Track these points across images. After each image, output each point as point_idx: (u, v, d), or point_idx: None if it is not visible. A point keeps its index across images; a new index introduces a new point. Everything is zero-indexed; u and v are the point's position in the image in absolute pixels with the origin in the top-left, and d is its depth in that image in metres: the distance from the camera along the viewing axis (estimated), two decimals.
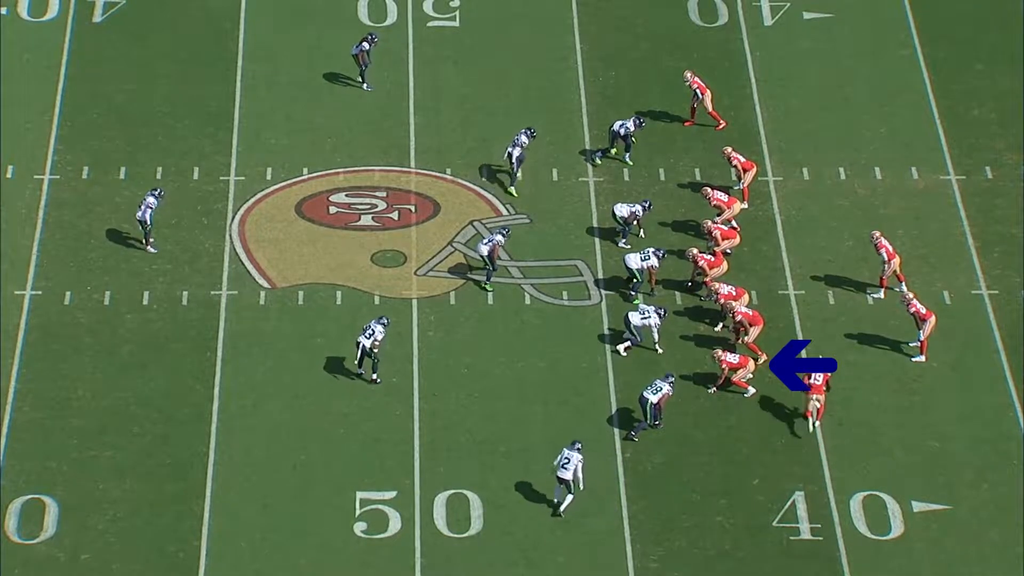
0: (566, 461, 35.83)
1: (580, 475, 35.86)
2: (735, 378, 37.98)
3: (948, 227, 41.88)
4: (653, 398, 37.15)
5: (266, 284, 40.36)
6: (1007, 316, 40.05)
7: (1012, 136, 44.15)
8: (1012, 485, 36.92)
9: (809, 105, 44.85)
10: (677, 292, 40.37)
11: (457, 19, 46.51)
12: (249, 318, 39.60)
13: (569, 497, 36.03)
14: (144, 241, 40.87)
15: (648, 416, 37.33)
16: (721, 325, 39.46)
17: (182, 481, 36.57)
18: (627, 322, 38.63)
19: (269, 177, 42.59)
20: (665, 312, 38.83)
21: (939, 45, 46.49)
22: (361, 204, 42.03)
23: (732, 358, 37.88)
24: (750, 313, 38.69)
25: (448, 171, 42.92)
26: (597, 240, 41.45)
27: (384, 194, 42.26)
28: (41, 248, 40.72)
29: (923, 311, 38.59)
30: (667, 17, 46.96)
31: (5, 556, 35.18)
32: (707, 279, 39.56)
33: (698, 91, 43.39)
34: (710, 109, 43.32)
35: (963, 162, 43.47)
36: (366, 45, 44.33)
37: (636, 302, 39.68)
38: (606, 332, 39.48)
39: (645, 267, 39.73)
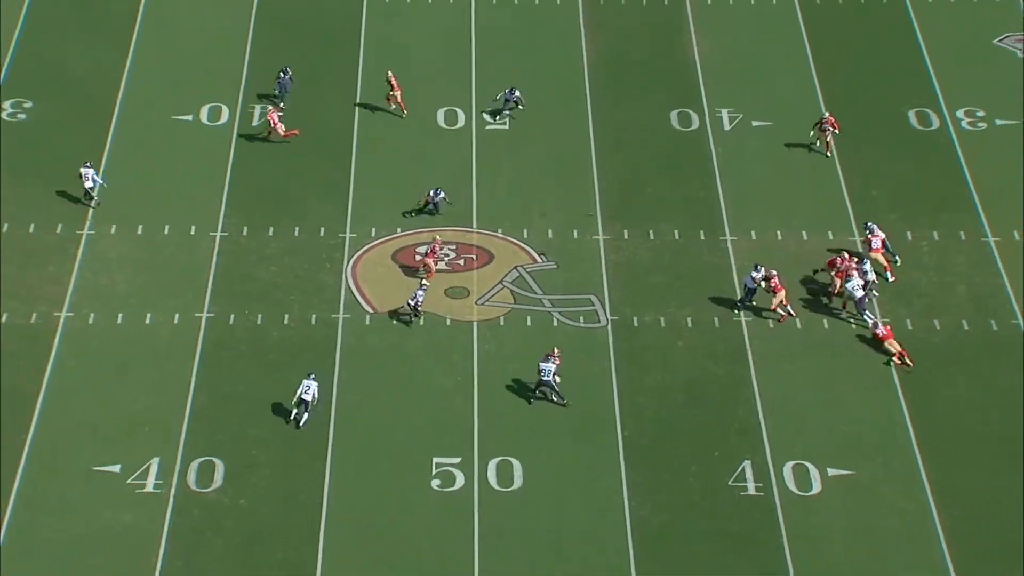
0: (306, 389, 36.32)
1: (316, 395, 36.41)
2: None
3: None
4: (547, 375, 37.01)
5: (370, 309, 40.17)
6: (896, 337, 39.50)
7: (902, 210, 43.53)
8: (897, 457, 36.54)
9: (757, 186, 44.33)
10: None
11: (507, 124, 46.29)
12: (358, 333, 39.45)
13: (306, 415, 36.28)
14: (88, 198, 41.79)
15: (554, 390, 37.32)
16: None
17: (310, 449, 36.47)
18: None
19: (373, 235, 42.39)
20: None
21: (849, 142, 45.85)
22: (438, 253, 41.80)
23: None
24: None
25: (500, 231, 42.64)
26: (605, 281, 41.07)
27: (454, 247, 42.01)
28: (213, 284, 40.60)
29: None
30: (655, 125, 46.48)
31: (187, 501, 35.09)
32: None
33: None
34: None
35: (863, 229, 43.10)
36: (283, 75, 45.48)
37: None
38: (610, 346, 39.11)
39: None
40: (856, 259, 40.69)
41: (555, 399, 37.40)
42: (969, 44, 49.94)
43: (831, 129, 45.21)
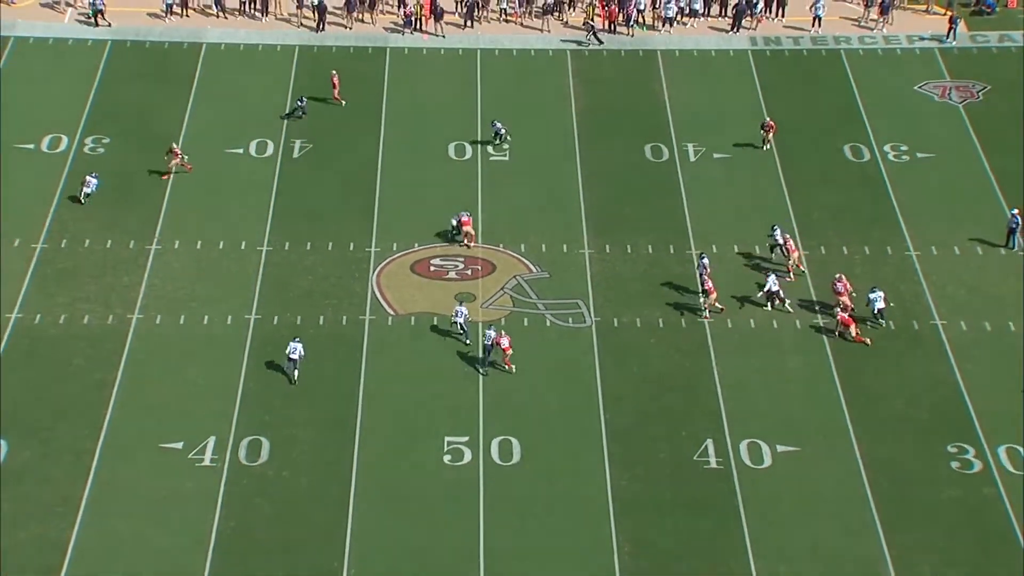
0: (293, 349, 36.64)
1: (303, 353, 36.70)
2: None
3: (799, 288, 41.18)
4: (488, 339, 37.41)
5: (392, 313, 40.10)
6: (840, 343, 39.39)
7: (838, 229, 43.45)
8: (835, 435, 36.55)
9: (717, 208, 44.27)
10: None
11: (508, 156, 46.31)
12: (382, 332, 39.37)
13: (296, 371, 36.56)
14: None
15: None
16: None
17: (342, 429, 36.35)
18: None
19: (394, 249, 42.32)
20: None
21: (793, 171, 45.91)
22: (449, 265, 41.80)
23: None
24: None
25: (501, 246, 42.58)
26: (590, 288, 41.03)
27: (463, 259, 41.96)
28: (260, 290, 40.56)
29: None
30: (632, 157, 46.49)
31: (238, 473, 35.05)
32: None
33: None
34: None
35: (807, 243, 42.85)
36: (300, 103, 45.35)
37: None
38: (595, 343, 39.07)
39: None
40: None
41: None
42: (895, 90, 49.95)
43: (770, 131, 45.64)
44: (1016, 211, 42.62)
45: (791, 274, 41.07)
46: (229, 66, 49.56)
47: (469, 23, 52.30)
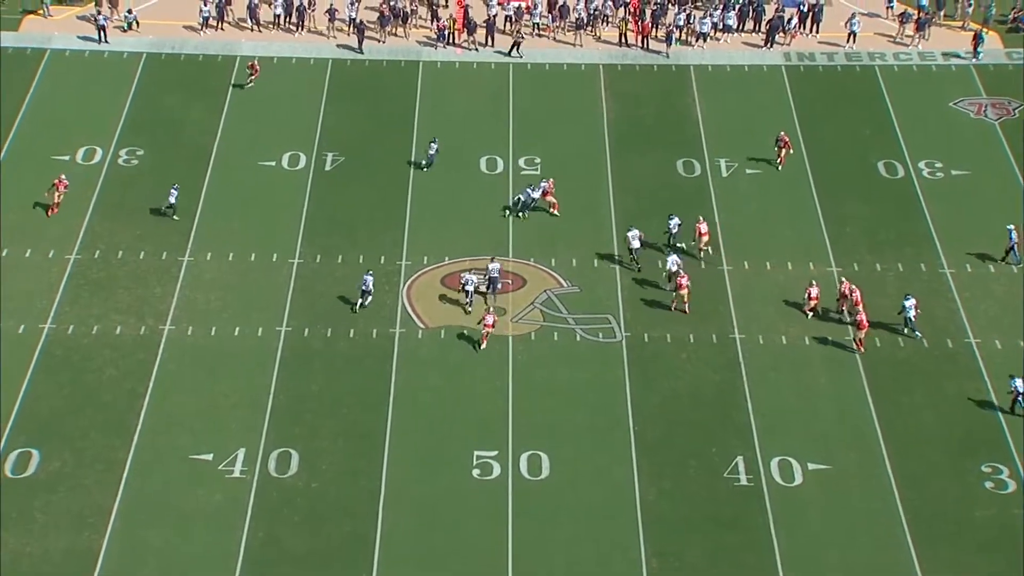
0: (364, 283, 39.06)
1: (372, 287, 39.18)
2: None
3: (830, 303, 41.05)
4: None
5: (423, 326, 40.22)
6: (867, 353, 39.25)
7: (871, 246, 43.35)
8: (867, 453, 36.39)
9: (749, 224, 44.22)
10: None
11: (539, 168, 46.34)
12: (412, 345, 39.51)
13: (370, 297, 38.71)
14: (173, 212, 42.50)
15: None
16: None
17: (371, 441, 36.51)
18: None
19: (425, 262, 42.44)
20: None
21: (827, 187, 45.74)
22: (480, 279, 41.87)
23: None
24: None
25: (532, 260, 42.64)
26: (620, 303, 41.04)
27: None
28: (291, 302, 40.76)
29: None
30: (663, 171, 46.51)
31: (267, 485, 35.24)
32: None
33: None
34: None
35: (840, 260, 42.76)
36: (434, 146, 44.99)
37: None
38: (624, 358, 39.07)
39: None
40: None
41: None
42: (930, 106, 49.77)
43: (785, 147, 45.22)
44: (1012, 227, 42.33)
45: (701, 260, 41.60)
46: (263, 79, 49.91)
47: (491, 41, 52.38)
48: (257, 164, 46.30)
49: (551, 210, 41.09)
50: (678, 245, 42.48)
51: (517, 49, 51.84)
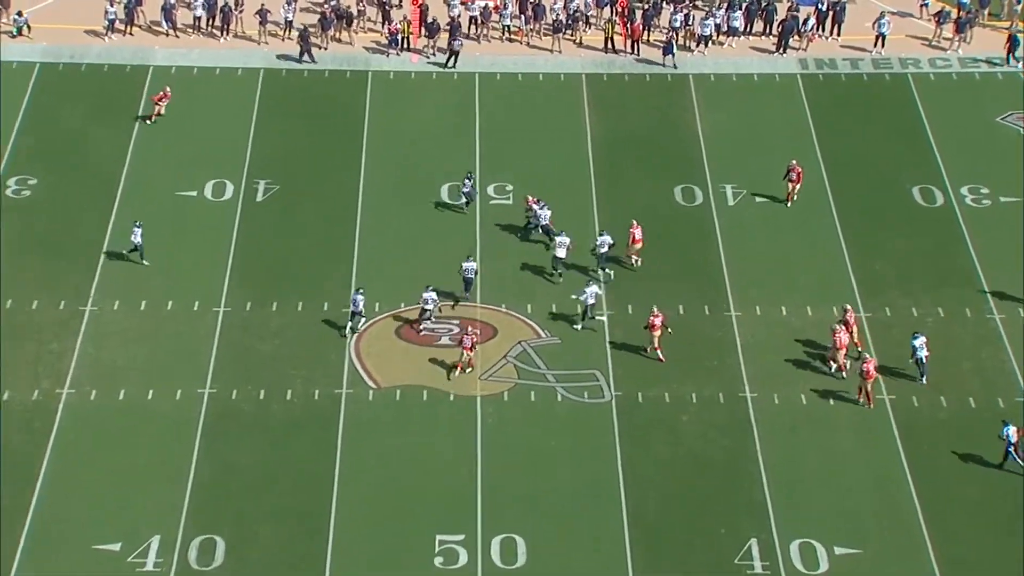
0: (354, 303, 40.90)
1: (363, 308, 41.14)
2: None
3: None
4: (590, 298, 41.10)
5: (373, 385, 40.50)
6: (902, 414, 39.78)
7: (905, 286, 43.96)
8: (904, 534, 36.67)
9: (761, 261, 44.80)
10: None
11: (511, 197, 46.85)
12: (361, 409, 39.73)
13: (362, 320, 40.99)
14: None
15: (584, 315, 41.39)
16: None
17: (311, 524, 36.53)
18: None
19: (377, 309, 42.76)
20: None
21: (852, 217, 46.45)
22: (442, 328, 42.24)
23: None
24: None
25: (503, 305, 43.06)
26: (609, 355, 41.45)
27: (458, 321, 42.41)
28: (216, 359, 40.95)
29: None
30: (659, 200, 47.10)
31: None
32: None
33: None
34: None
35: (869, 303, 43.38)
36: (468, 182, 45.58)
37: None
38: (615, 421, 39.43)
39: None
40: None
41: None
42: (972, 121, 50.64)
43: (796, 180, 45.77)
44: None
45: (634, 263, 43.41)
46: (181, 93, 50.32)
47: (432, 49, 53.00)
48: (175, 195, 46.61)
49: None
50: (607, 270, 43.18)
51: (454, 60, 52.34)
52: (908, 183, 47.95)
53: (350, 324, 41.33)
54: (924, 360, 40.32)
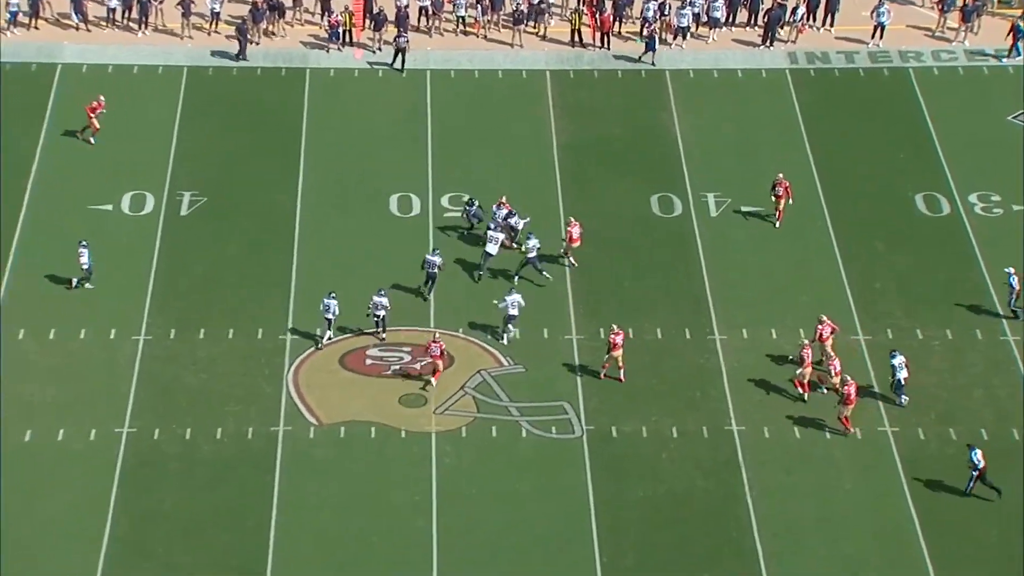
0: (326, 308, 41.59)
1: (336, 312, 41.80)
2: None
3: (859, 376, 41.65)
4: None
5: (314, 421, 40.43)
6: (907, 448, 39.99)
7: (909, 305, 44.22)
8: None
9: (748, 278, 44.98)
10: None
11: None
12: (300, 448, 39.63)
13: (329, 333, 41.84)
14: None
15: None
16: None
17: None
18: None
19: (318, 335, 42.70)
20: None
21: (848, 226, 46.72)
22: (391, 357, 42.23)
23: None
24: None
25: (460, 330, 43.07)
26: (579, 385, 41.52)
27: (409, 349, 42.41)
28: (136, 394, 40.76)
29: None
30: (633, 211, 47.24)
31: None
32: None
33: None
34: None
35: (869, 325, 43.60)
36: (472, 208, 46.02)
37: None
38: (586, 459, 39.46)
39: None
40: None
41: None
42: (981, 121, 51.06)
43: (784, 195, 45.91)
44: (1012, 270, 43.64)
45: (571, 261, 44.23)
46: (94, 94, 50.12)
47: (377, 43, 53.19)
48: (87, 208, 46.46)
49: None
50: (544, 273, 43.89)
51: (401, 60, 52.36)
52: (911, 190, 48.28)
53: (329, 333, 41.92)
54: (903, 381, 40.65)
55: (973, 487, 38.31)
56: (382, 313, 42.06)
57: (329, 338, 41.96)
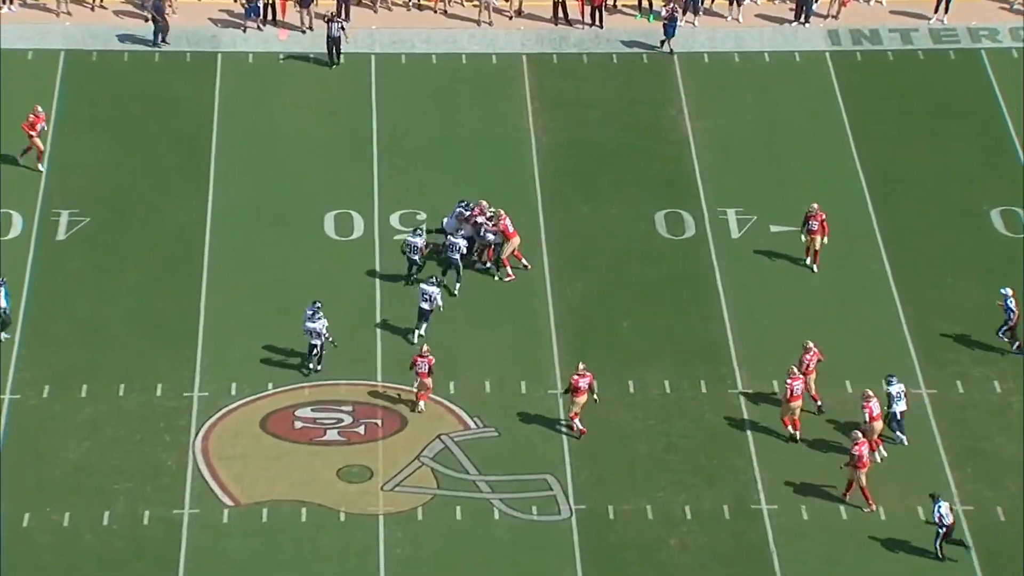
0: (305, 324, 42.41)
1: (325, 332, 42.68)
2: None
3: (921, 440, 41.89)
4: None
5: (229, 501, 40.32)
6: (979, 527, 40.12)
7: (981, 348, 44.37)
8: None
9: (778, 317, 45.15)
10: None
11: (423, 238, 46.78)
12: (211, 536, 39.47)
13: (316, 360, 42.93)
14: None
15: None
16: None
17: None
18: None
19: (233, 392, 42.68)
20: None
21: (905, 250, 47.03)
22: (327, 419, 42.19)
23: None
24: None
25: (415, 385, 42.98)
26: (567, 453, 41.51)
27: (350, 408, 42.40)
28: (2, 470, 40.59)
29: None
30: (634, 232, 47.44)
31: None
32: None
33: None
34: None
35: (932, 375, 43.72)
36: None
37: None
38: (576, 546, 39.43)
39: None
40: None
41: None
42: None
43: (820, 231, 45.90)
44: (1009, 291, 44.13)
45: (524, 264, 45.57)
46: None
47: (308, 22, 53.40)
48: None
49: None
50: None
51: (336, 52, 52.29)
52: (985, 204, 48.58)
53: (317, 355, 42.72)
54: (900, 416, 40.90)
55: (940, 545, 38.84)
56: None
57: (319, 361, 42.89)
